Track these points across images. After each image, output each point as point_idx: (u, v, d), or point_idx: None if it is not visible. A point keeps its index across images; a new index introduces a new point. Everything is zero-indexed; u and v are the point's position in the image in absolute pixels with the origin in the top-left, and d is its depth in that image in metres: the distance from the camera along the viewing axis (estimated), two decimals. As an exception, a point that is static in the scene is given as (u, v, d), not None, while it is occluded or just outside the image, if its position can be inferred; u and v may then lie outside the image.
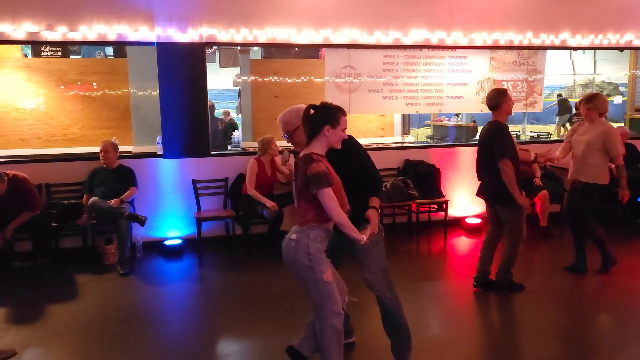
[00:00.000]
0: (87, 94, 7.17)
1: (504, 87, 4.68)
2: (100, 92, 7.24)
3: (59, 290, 4.77)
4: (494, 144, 4.27)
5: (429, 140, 14.13)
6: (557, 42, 6.77)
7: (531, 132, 14.60)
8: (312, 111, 2.77)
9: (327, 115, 2.75)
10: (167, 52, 5.72)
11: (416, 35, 6.33)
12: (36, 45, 8.12)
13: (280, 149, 5.78)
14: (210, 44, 6.09)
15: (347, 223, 2.73)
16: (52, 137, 7.11)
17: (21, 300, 4.55)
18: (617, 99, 16.06)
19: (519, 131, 14.16)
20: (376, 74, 6.52)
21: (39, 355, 3.57)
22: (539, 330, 3.87)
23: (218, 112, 10.22)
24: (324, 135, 2.74)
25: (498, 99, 4.35)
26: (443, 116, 13.82)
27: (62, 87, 7.12)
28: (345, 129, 2.82)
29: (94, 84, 7.22)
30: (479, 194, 4.63)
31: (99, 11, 5.51)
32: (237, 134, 8.64)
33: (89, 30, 5.51)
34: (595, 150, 4.73)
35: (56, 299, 4.53)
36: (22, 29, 5.35)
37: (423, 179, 6.40)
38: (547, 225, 6.34)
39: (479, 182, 4.61)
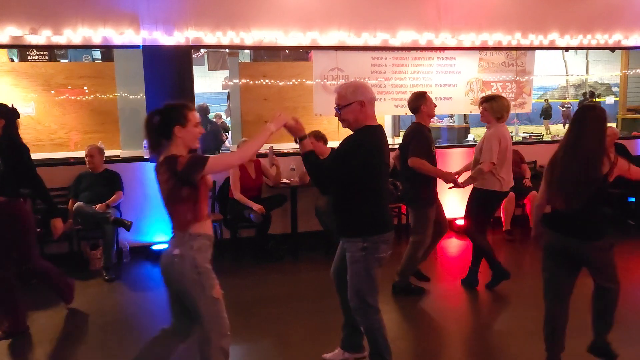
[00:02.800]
0: (78, 98, 7.12)
1: (423, 91, 4.61)
2: (88, 96, 7.19)
3: (42, 297, 4.70)
4: (409, 145, 4.30)
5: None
6: (545, 43, 6.75)
7: (523, 132, 14.61)
8: (156, 118, 2.57)
9: (173, 115, 2.56)
10: (153, 55, 5.67)
11: (404, 36, 6.30)
12: (22, 49, 8.06)
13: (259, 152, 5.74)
14: (196, 47, 6.05)
15: (254, 144, 2.65)
16: (39, 141, 7.05)
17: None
18: (609, 99, 16.12)
19: (511, 132, 14.15)
20: (364, 76, 6.49)
21: (19, 364, 3.52)
22: (528, 334, 3.84)
23: (210, 116, 10.20)
24: (177, 137, 2.55)
25: (417, 102, 4.41)
26: (436, 118, 13.80)
27: (52, 91, 7.07)
28: (198, 123, 2.63)
29: (85, 88, 7.16)
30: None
31: (84, 14, 5.45)
32: (227, 137, 8.62)
33: (73, 34, 5.46)
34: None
35: (38, 306, 4.46)
36: (5, 32, 5.29)
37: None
38: (509, 229, 6.31)
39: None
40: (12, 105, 4.03)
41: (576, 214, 3.00)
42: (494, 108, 4.46)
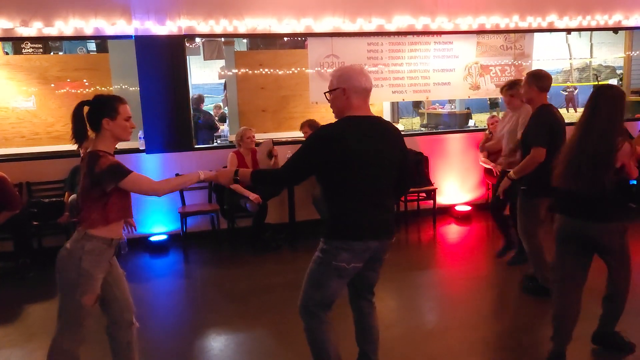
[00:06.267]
0: (78, 91, 7.08)
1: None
2: (84, 89, 7.14)
3: (40, 289, 4.71)
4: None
5: (422, 128, 14.01)
6: (544, 25, 6.65)
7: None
8: (86, 107, 2.55)
9: (103, 107, 2.54)
10: (145, 45, 5.63)
11: (400, 21, 6.21)
12: (17, 42, 8.02)
13: (257, 141, 5.72)
14: (189, 36, 5.99)
15: (178, 184, 2.71)
16: (36, 135, 7.02)
17: None
18: (613, 82, 15.91)
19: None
20: (360, 62, 6.40)
21: (14, 356, 3.52)
22: (533, 320, 3.81)
23: (209, 107, 10.15)
24: (105, 129, 2.53)
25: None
26: (437, 104, 13.70)
27: (52, 84, 7.02)
28: (129, 117, 2.58)
29: (85, 81, 7.11)
30: None
31: (74, 5, 5.41)
32: (224, 127, 8.55)
33: (65, 25, 5.42)
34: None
35: (36, 298, 4.48)
36: (-4, 25, 5.27)
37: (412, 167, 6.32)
38: None
39: None
40: None
41: (588, 194, 2.91)
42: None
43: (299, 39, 8.22)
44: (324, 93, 2.69)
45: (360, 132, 2.51)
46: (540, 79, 3.97)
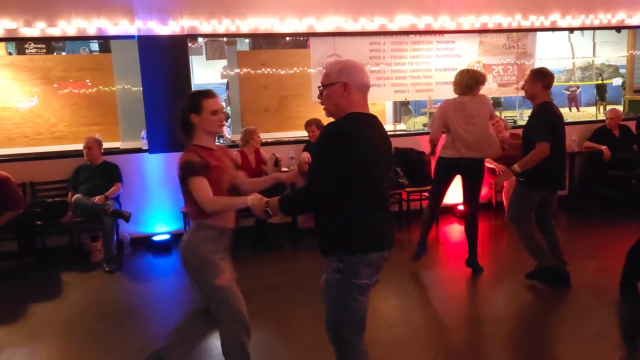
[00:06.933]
0: (81, 91, 7.11)
1: None
2: (87, 89, 7.17)
3: (43, 289, 4.73)
4: None
5: (425, 128, 13.98)
6: (547, 24, 6.64)
7: (528, 116, 14.42)
8: (177, 107, 2.67)
9: (188, 104, 2.61)
10: (148, 45, 5.64)
11: (402, 20, 6.21)
12: (20, 43, 8.04)
13: (261, 140, 5.76)
14: (192, 36, 6.00)
15: (226, 205, 2.55)
16: (39, 135, 7.04)
17: (3, 301, 4.51)
18: (617, 81, 15.86)
19: (516, 116, 14.01)
20: (363, 62, 6.37)
21: (17, 355, 3.53)
22: (534, 317, 3.81)
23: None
24: (195, 125, 2.59)
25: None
26: (439, 103, 13.69)
27: (55, 85, 7.06)
28: (217, 110, 2.60)
29: (88, 81, 7.14)
30: None
31: (77, 5, 5.42)
32: (226, 128, 8.57)
33: (68, 26, 5.43)
34: None
35: (39, 298, 4.49)
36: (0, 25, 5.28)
37: (413, 166, 6.32)
38: None
39: None
40: None
41: None
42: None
43: (301, 38, 8.24)
44: (318, 87, 2.43)
45: (370, 131, 2.31)
46: (546, 77, 4.10)
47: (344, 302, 2.32)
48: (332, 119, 2.37)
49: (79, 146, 5.77)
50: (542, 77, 4.07)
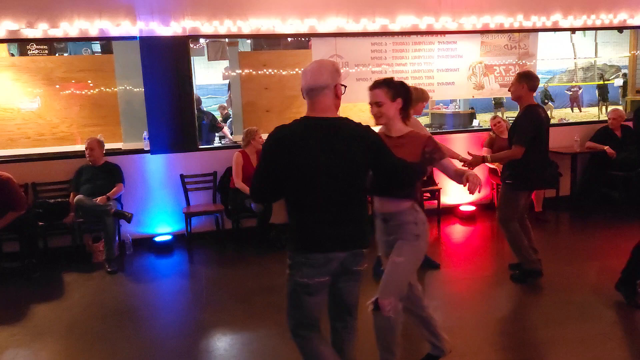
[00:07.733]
0: (83, 92, 7.12)
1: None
2: (91, 90, 7.18)
3: (45, 290, 4.73)
4: None
5: (427, 128, 13.98)
6: (548, 24, 6.63)
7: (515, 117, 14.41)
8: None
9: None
10: (150, 46, 5.65)
11: (404, 21, 6.21)
12: (22, 44, 8.06)
13: (262, 140, 5.72)
14: (194, 37, 6.00)
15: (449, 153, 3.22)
16: (41, 136, 7.05)
17: (5, 301, 4.52)
18: (618, 81, 15.83)
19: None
20: (364, 62, 6.41)
21: (19, 356, 3.53)
22: (535, 317, 3.80)
23: (212, 108, 10.18)
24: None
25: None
26: (441, 104, 13.68)
27: (57, 86, 7.07)
28: (372, 103, 2.84)
29: (90, 82, 7.16)
30: None
31: (79, 7, 5.43)
32: (226, 128, 8.56)
33: (70, 27, 5.44)
34: None
35: (41, 298, 4.49)
36: (1, 27, 5.28)
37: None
38: (541, 211, 6.26)
39: None
40: None
41: None
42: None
43: (303, 39, 8.25)
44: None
45: (310, 136, 2.25)
46: (531, 79, 4.27)
47: (291, 297, 2.41)
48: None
49: (81, 147, 5.78)
50: (527, 80, 4.23)
